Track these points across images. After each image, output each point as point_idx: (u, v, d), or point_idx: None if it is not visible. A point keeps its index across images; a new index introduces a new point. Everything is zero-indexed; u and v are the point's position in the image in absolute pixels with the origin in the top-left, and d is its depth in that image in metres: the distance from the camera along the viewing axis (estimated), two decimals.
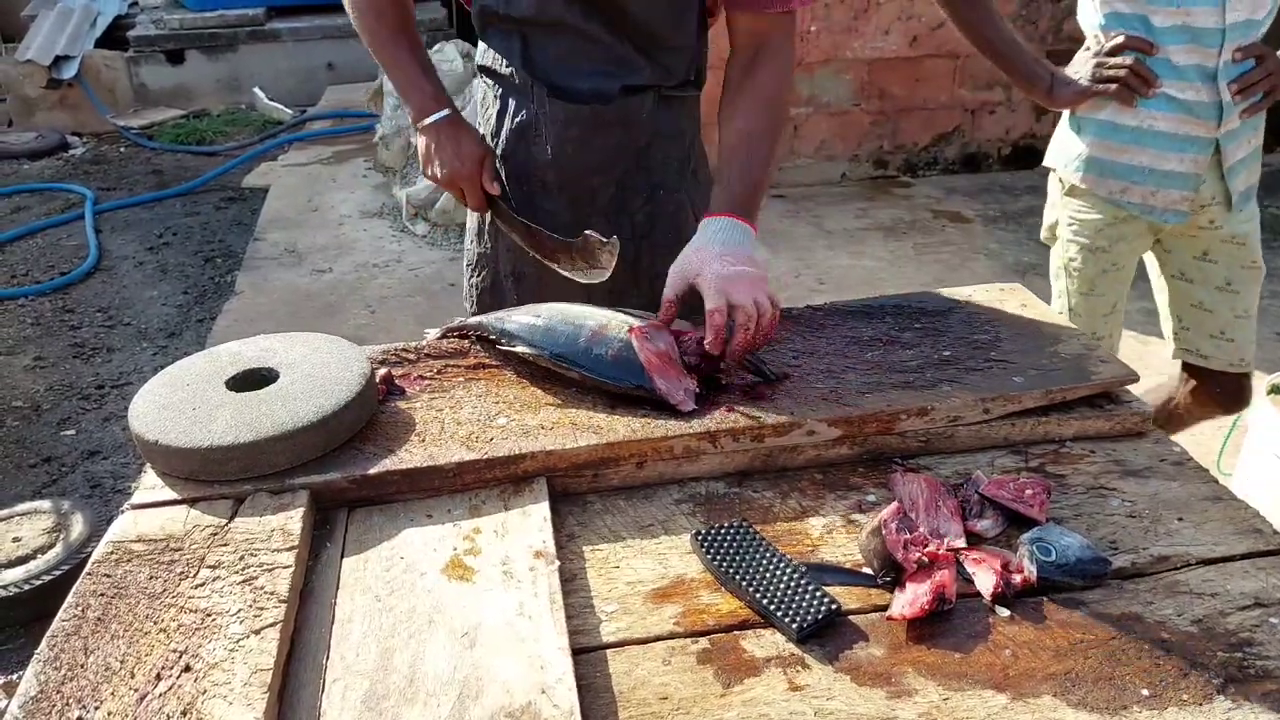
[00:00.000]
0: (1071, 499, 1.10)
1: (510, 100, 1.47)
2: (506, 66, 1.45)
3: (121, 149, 5.91)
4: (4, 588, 2.23)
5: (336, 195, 4.94)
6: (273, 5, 6.73)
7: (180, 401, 1.11)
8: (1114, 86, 1.76)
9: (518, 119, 1.46)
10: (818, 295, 3.67)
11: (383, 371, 1.23)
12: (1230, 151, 1.78)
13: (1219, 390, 1.99)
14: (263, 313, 3.74)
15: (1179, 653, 0.88)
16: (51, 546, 2.34)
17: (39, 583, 2.24)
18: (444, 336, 1.35)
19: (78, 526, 2.40)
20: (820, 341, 1.33)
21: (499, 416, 1.16)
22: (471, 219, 1.62)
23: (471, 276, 1.64)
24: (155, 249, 4.47)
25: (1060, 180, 1.95)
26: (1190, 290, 1.93)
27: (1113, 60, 1.76)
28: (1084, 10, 1.86)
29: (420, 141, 1.46)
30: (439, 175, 1.44)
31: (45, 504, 2.49)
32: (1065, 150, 1.93)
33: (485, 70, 1.50)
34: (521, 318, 1.27)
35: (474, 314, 1.61)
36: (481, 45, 1.49)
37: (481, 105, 1.55)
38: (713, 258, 1.21)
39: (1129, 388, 1.25)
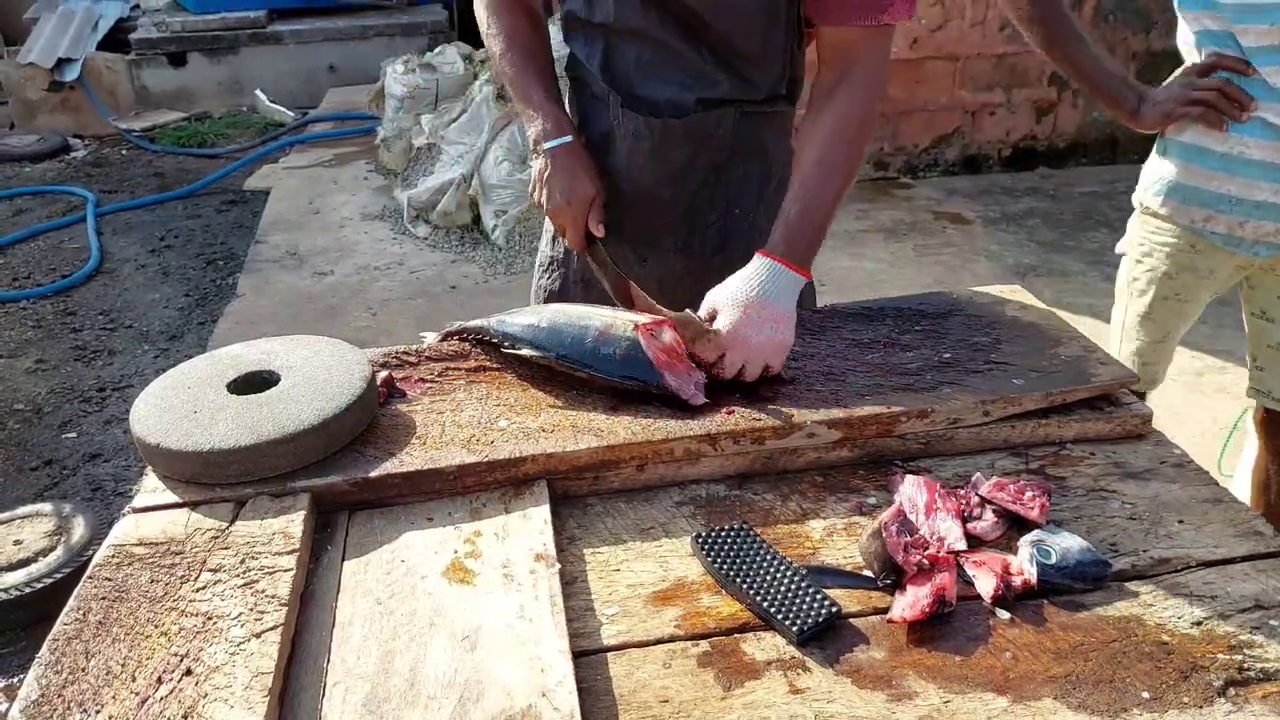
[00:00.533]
0: (1072, 501, 1.10)
1: (592, 108, 1.46)
2: (587, 74, 1.44)
3: (123, 151, 5.92)
4: (5, 591, 2.24)
5: (338, 198, 4.94)
6: (274, 8, 6.74)
7: (181, 404, 1.11)
8: (1199, 109, 1.64)
9: (598, 127, 1.45)
10: (819, 296, 3.66)
11: (384, 374, 1.24)
12: None
13: None
14: (264, 315, 3.75)
15: (1179, 655, 0.88)
16: (53, 549, 2.35)
17: (40, 586, 2.25)
18: (444, 340, 1.35)
19: (79, 529, 2.40)
20: (821, 344, 1.33)
21: (500, 419, 1.16)
22: (547, 219, 1.61)
23: (542, 278, 1.63)
24: (157, 251, 4.47)
25: (1139, 202, 1.86)
26: (1269, 330, 1.81)
27: (1201, 81, 1.65)
28: (1181, 28, 1.75)
29: (535, 164, 1.43)
30: (544, 204, 1.42)
31: (46, 507, 2.50)
32: (1149, 173, 1.82)
33: (570, 76, 1.49)
34: (524, 319, 1.27)
35: None
36: (567, 50, 1.47)
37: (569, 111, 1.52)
38: (739, 305, 1.20)
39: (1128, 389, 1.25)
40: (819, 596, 0.93)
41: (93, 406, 3.25)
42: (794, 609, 0.92)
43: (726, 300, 1.21)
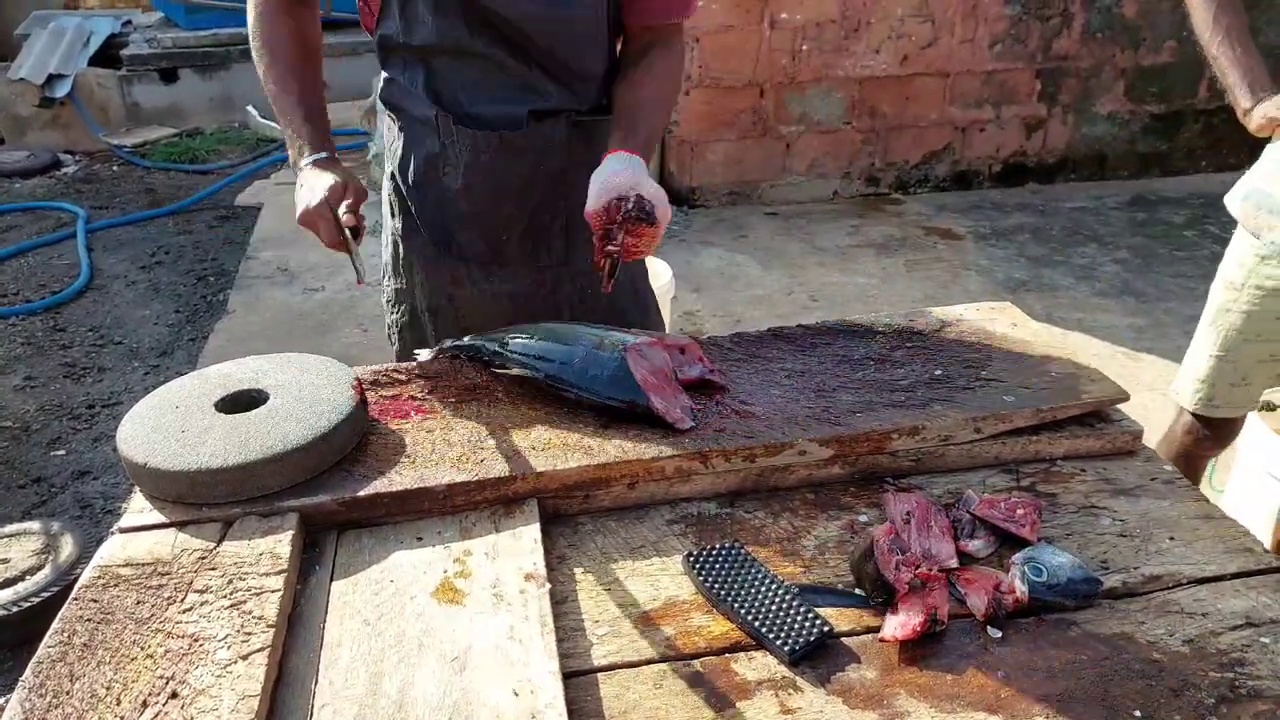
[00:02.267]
0: (1063, 518, 1.10)
1: (415, 132, 1.44)
2: (409, 97, 1.42)
3: (114, 167, 5.90)
4: None
5: None
6: None
7: (169, 423, 1.10)
8: None
9: (425, 150, 1.43)
10: (810, 312, 3.68)
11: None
12: None
13: None
14: (255, 332, 3.73)
15: (1171, 673, 0.88)
16: (41, 568, 2.32)
17: (28, 605, 2.22)
18: (436, 357, 1.35)
19: (67, 548, 2.38)
20: (812, 361, 1.33)
21: (490, 437, 1.16)
22: (385, 253, 1.60)
23: (391, 313, 1.63)
24: (147, 268, 4.46)
25: (1226, 203, 1.84)
26: None
27: None
28: None
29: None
30: (297, 217, 1.32)
31: (35, 525, 2.48)
32: (1245, 177, 1.79)
33: (388, 104, 1.47)
34: (515, 339, 1.27)
35: (398, 351, 1.62)
36: (383, 77, 1.47)
37: (386, 139, 1.52)
38: (641, 179, 1.28)
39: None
40: (810, 616, 0.93)
41: (82, 424, 3.23)
42: (785, 628, 0.91)
43: (627, 181, 1.27)
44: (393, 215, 1.56)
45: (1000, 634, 0.93)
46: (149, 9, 7.30)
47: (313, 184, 1.32)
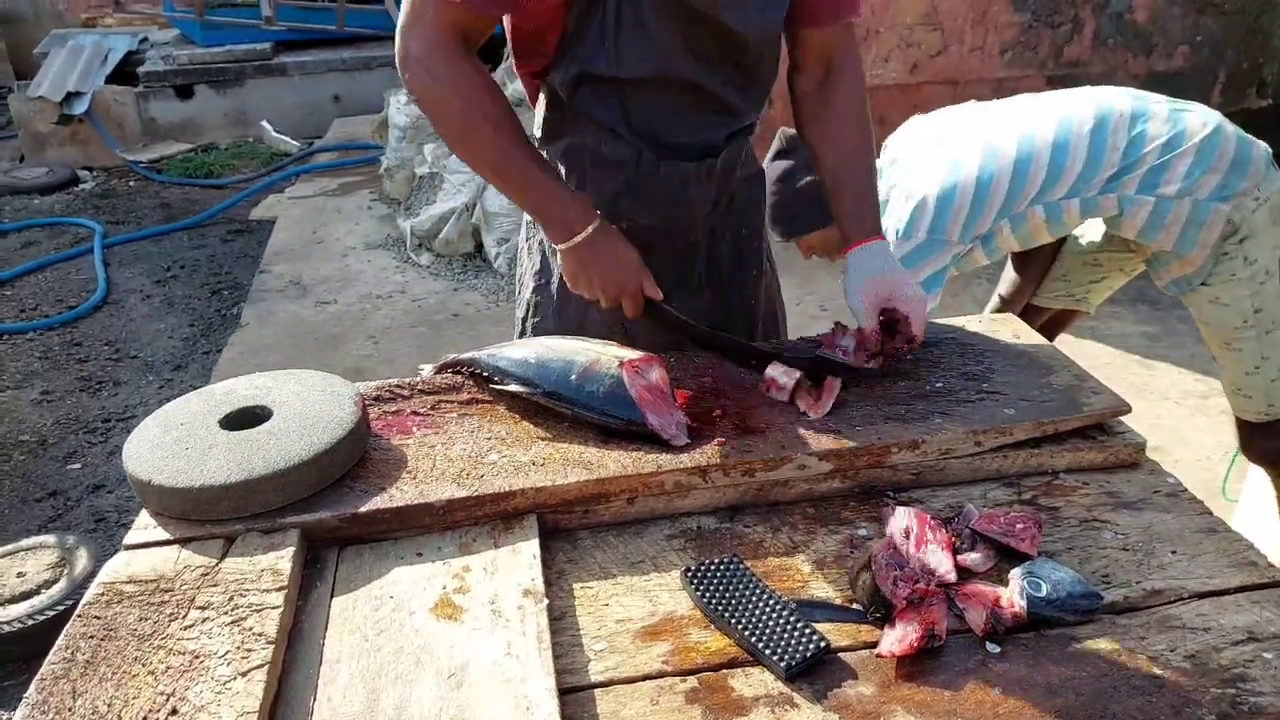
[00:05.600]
0: (1064, 531, 1.09)
1: (593, 171, 1.38)
2: (597, 134, 1.35)
3: (130, 183, 5.98)
4: (8, 623, 2.24)
5: (341, 227, 4.98)
6: (280, 40, 6.83)
7: (173, 441, 1.11)
8: None
9: (609, 188, 1.37)
10: (819, 322, 3.67)
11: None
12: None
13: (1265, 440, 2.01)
14: (267, 345, 3.77)
15: (1172, 689, 0.88)
16: (56, 581, 2.35)
17: (43, 618, 2.25)
18: (439, 372, 1.36)
19: (82, 561, 2.41)
20: None
21: (490, 453, 1.16)
22: (536, 294, 1.53)
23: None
24: (163, 282, 4.51)
25: None
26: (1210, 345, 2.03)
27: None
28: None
29: (567, 259, 1.31)
30: (600, 293, 1.31)
31: (50, 539, 2.51)
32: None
33: (559, 142, 1.41)
34: (514, 353, 1.28)
35: None
36: (546, 113, 1.40)
37: None
38: (897, 282, 1.31)
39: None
40: (808, 631, 0.92)
41: (97, 437, 3.27)
42: (782, 644, 0.91)
43: (898, 281, 1.30)
44: (554, 255, 1.45)
45: (999, 649, 0.93)
46: (166, 27, 7.40)
47: (614, 259, 1.30)
